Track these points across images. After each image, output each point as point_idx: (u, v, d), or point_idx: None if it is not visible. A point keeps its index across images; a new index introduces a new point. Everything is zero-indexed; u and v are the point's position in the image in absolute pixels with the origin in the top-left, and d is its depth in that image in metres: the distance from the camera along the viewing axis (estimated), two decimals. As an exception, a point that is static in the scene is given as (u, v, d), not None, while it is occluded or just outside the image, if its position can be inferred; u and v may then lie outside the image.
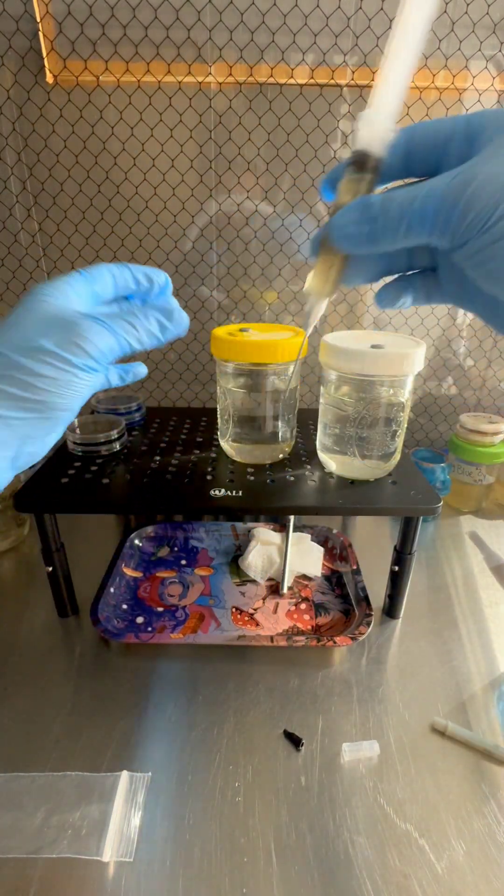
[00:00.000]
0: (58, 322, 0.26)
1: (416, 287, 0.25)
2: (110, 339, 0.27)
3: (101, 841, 0.32)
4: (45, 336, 0.26)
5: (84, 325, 0.26)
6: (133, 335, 0.28)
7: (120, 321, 0.28)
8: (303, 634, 0.47)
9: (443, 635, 0.49)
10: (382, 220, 0.19)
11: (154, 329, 0.30)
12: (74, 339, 0.26)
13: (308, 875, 0.31)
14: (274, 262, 0.69)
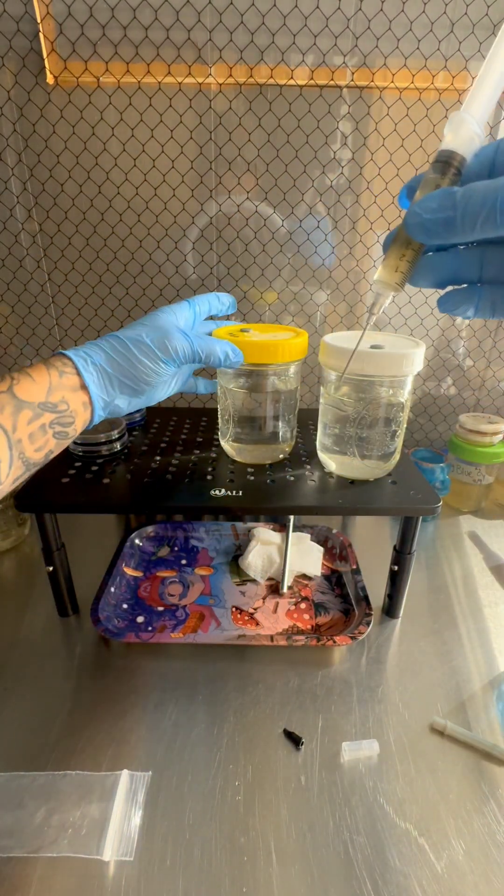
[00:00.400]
0: (159, 329, 0.39)
1: (482, 297, 0.24)
2: (188, 347, 0.39)
3: (102, 840, 0.32)
4: (148, 336, 0.38)
5: (173, 334, 0.39)
6: (205, 351, 0.40)
7: (199, 340, 0.40)
8: (303, 634, 0.47)
9: (442, 635, 0.49)
10: (463, 208, 0.20)
11: (219, 355, 0.41)
12: (164, 340, 0.38)
13: (308, 875, 0.31)
14: (274, 262, 0.69)
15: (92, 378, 0.37)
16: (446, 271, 0.24)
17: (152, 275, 0.69)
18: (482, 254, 0.24)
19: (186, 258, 0.68)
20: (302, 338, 0.46)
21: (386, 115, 0.62)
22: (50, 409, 0.35)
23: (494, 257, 0.23)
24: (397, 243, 0.24)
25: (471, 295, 0.24)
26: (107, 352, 0.38)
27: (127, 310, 0.71)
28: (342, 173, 0.64)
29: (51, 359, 0.37)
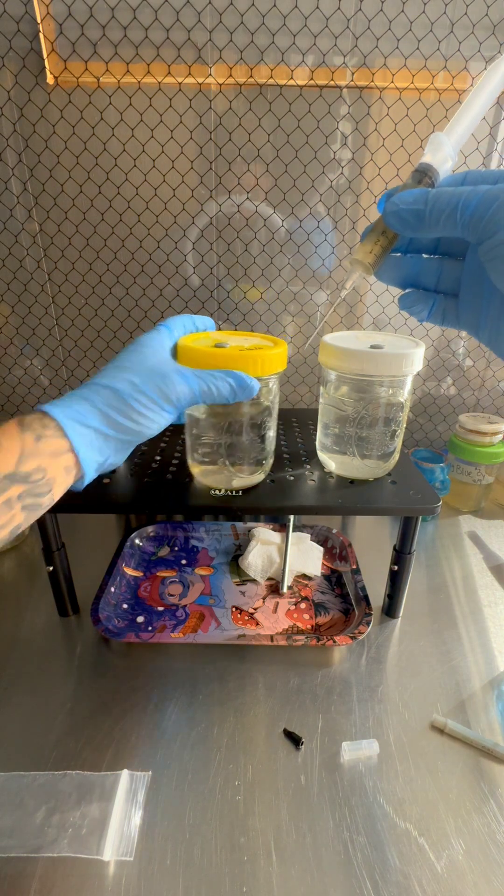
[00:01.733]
0: (154, 373, 0.34)
1: (436, 304, 0.28)
2: (188, 392, 0.35)
3: (102, 840, 0.32)
4: (144, 384, 0.33)
5: (171, 377, 0.34)
6: (206, 394, 0.35)
7: (200, 380, 0.35)
8: (302, 634, 0.47)
9: (442, 635, 0.49)
10: (432, 205, 0.24)
11: (224, 392, 0.36)
12: (166, 391, 0.34)
13: (308, 874, 0.31)
14: (274, 262, 0.69)
15: (84, 440, 0.32)
16: (409, 273, 0.29)
17: (152, 275, 0.69)
18: (440, 266, 0.28)
19: (186, 258, 0.68)
20: (280, 348, 0.40)
21: (386, 115, 0.62)
22: (20, 481, 0.29)
23: (450, 272, 0.28)
24: (374, 232, 0.27)
25: (426, 299, 0.29)
26: (100, 409, 0.32)
27: (127, 310, 0.71)
28: (342, 173, 0.64)
29: (27, 418, 0.31)
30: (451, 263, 0.28)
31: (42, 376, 0.77)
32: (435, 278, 0.28)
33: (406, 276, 0.29)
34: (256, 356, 0.38)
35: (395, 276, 0.29)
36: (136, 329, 0.73)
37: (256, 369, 0.38)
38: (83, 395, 0.33)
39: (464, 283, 0.27)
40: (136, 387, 0.33)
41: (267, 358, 0.38)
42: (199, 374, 0.35)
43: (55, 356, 0.75)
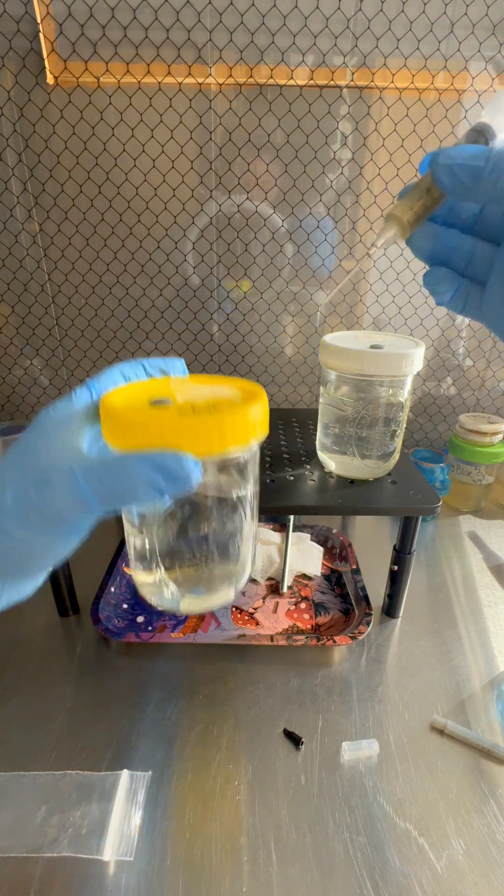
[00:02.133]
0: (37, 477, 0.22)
1: (460, 288, 0.26)
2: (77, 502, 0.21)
3: (102, 840, 0.32)
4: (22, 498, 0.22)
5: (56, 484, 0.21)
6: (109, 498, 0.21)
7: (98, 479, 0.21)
8: (302, 634, 0.47)
9: (442, 635, 0.49)
10: (494, 164, 0.21)
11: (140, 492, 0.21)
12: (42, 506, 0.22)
13: (308, 874, 0.31)
14: (274, 262, 0.69)
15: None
16: (441, 248, 0.26)
17: (152, 275, 0.69)
18: (474, 247, 0.25)
19: (186, 258, 0.68)
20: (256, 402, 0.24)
21: (386, 115, 0.62)
22: None
23: (482, 256, 0.25)
24: (417, 189, 0.24)
25: (452, 280, 0.26)
26: None
27: (127, 310, 0.71)
28: (342, 173, 0.64)
29: None
30: (486, 247, 0.25)
31: (42, 376, 0.77)
32: (466, 260, 0.26)
33: (438, 250, 0.26)
34: (202, 424, 0.22)
35: (426, 248, 0.26)
36: (135, 329, 0.73)
37: (207, 443, 0.22)
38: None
39: (495, 272, 0.24)
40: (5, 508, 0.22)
41: (225, 424, 0.22)
42: (103, 466, 0.21)
43: (55, 356, 0.75)
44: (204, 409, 0.23)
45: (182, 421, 0.22)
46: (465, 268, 0.26)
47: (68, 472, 0.21)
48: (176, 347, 0.74)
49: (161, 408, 0.24)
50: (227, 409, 0.23)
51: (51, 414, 0.24)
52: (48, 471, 0.22)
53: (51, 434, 0.23)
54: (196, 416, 0.23)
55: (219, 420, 0.22)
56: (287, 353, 0.76)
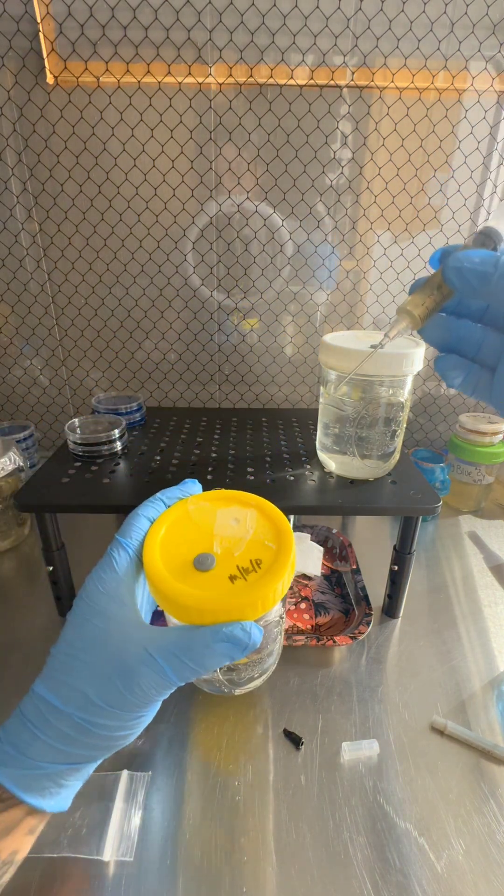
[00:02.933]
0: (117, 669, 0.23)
1: (470, 373, 0.27)
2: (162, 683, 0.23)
3: (102, 840, 0.32)
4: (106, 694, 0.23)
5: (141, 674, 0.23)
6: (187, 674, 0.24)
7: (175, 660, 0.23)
8: (303, 634, 0.47)
9: (442, 635, 0.49)
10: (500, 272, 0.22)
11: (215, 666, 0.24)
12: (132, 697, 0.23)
13: (308, 875, 0.31)
14: (274, 262, 0.69)
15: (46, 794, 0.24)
16: (452, 337, 0.27)
17: (152, 275, 0.69)
18: (484, 335, 0.27)
19: (186, 258, 0.68)
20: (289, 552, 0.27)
21: (386, 115, 0.62)
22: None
23: (492, 344, 0.26)
24: (429, 285, 0.26)
25: (463, 366, 0.27)
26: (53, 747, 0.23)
27: (127, 310, 0.71)
28: (342, 173, 0.64)
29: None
30: (495, 336, 0.26)
31: (42, 376, 0.77)
32: (476, 347, 0.27)
33: (448, 338, 0.27)
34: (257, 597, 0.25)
35: (437, 337, 0.28)
36: (135, 329, 0.73)
37: (258, 609, 0.25)
38: (30, 728, 0.24)
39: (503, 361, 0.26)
40: (91, 704, 0.23)
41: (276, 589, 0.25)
42: (177, 646, 0.23)
43: (55, 356, 0.75)
44: (248, 566, 0.26)
45: (236, 592, 0.25)
46: (475, 354, 0.27)
47: (147, 657, 0.23)
48: (176, 347, 0.74)
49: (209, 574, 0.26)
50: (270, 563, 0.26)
51: (100, 588, 0.25)
52: (126, 661, 0.23)
53: (109, 613, 0.24)
54: (247, 581, 0.25)
55: (270, 582, 0.25)
56: (287, 353, 0.76)
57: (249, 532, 0.28)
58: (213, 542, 0.27)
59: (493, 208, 0.67)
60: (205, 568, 0.26)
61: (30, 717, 0.24)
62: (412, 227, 0.68)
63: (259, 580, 0.25)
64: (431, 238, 0.68)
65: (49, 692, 0.24)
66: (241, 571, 0.26)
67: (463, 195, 0.66)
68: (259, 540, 0.27)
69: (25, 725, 0.24)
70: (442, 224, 0.68)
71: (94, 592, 0.25)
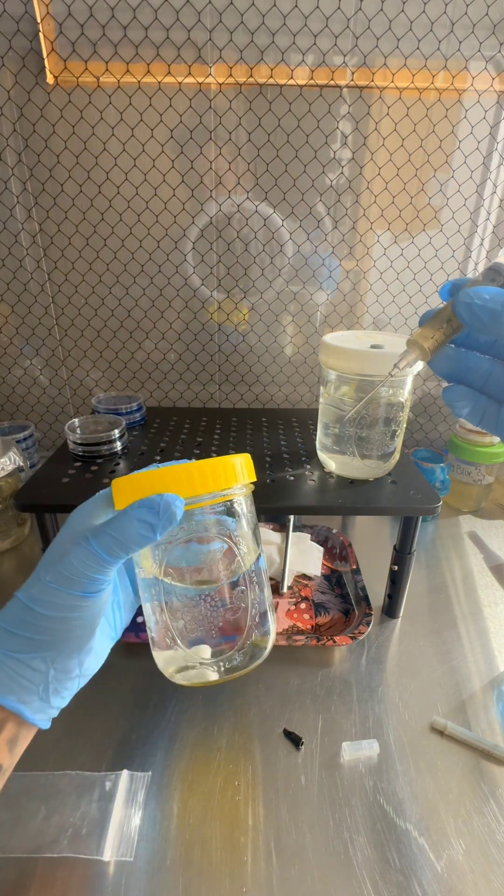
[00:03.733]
0: (58, 553, 0.26)
1: (477, 403, 0.28)
2: (91, 559, 0.26)
3: (102, 840, 0.32)
4: (49, 573, 0.26)
5: (71, 552, 0.26)
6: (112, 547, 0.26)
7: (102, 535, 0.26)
8: (302, 634, 0.47)
9: (442, 635, 0.49)
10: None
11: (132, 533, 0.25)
12: (65, 572, 0.26)
13: (308, 874, 0.31)
14: (274, 262, 0.69)
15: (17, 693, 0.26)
16: (460, 367, 0.28)
17: (152, 275, 0.69)
18: (491, 367, 0.27)
19: (186, 258, 0.68)
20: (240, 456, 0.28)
21: (386, 115, 0.62)
22: None
23: (499, 375, 0.27)
24: (438, 318, 0.27)
25: (470, 397, 0.28)
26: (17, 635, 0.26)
27: (127, 310, 0.71)
28: (342, 173, 0.64)
29: None
30: (502, 369, 0.27)
31: (42, 376, 0.77)
32: (483, 378, 0.27)
33: (456, 369, 0.28)
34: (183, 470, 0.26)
35: (445, 368, 0.28)
36: (135, 329, 0.73)
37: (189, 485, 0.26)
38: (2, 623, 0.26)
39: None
40: (38, 582, 0.26)
41: (203, 468, 0.26)
42: (107, 523, 0.26)
43: (55, 356, 0.75)
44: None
45: (166, 469, 0.27)
46: (482, 385, 0.28)
47: (82, 538, 0.26)
48: (176, 347, 0.74)
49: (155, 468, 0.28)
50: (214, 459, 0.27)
51: (78, 508, 0.28)
52: (68, 542, 0.26)
53: (74, 520, 0.28)
54: (179, 465, 0.27)
55: (198, 465, 0.26)
56: (287, 353, 0.76)
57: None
58: None
59: (492, 208, 0.67)
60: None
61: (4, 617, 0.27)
62: (412, 227, 0.68)
63: (190, 463, 0.27)
64: (431, 238, 0.68)
65: (20, 590, 0.27)
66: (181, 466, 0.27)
67: (463, 195, 0.66)
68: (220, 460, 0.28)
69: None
70: (442, 224, 0.68)
71: (74, 513, 0.28)
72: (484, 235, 0.69)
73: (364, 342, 0.44)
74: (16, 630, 0.26)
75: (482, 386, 0.28)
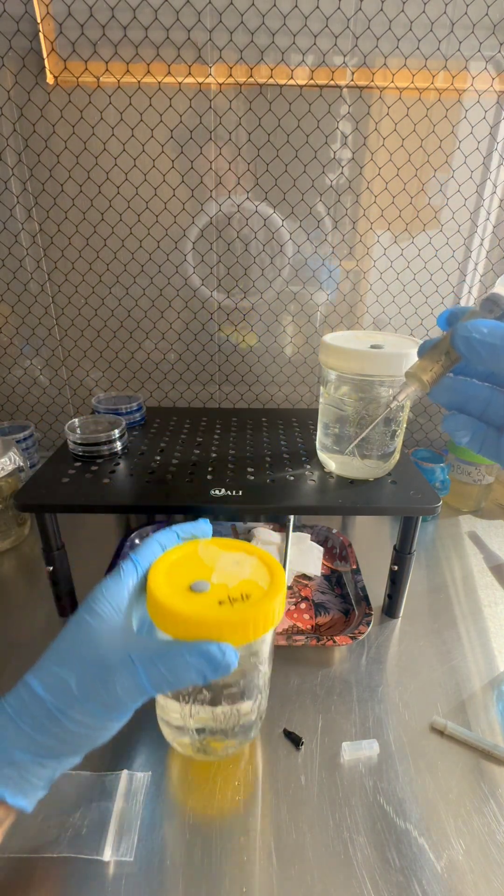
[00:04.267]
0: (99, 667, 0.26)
1: (477, 431, 0.28)
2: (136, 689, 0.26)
3: (102, 840, 0.32)
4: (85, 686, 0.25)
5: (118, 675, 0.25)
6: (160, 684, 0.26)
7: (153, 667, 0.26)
8: (303, 634, 0.47)
9: (442, 635, 0.49)
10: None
11: (187, 679, 0.26)
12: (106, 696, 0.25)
13: (308, 874, 0.31)
14: (274, 262, 0.69)
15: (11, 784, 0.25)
16: (459, 397, 0.28)
17: (152, 275, 0.69)
18: (490, 395, 0.27)
19: (186, 258, 0.68)
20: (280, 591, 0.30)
21: (386, 115, 0.62)
22: None
23: (499, 404, 0.27)
24: (437, 350, 0.27)
25: (470, 425, 0.28)
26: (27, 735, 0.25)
27: (127, 310, 0.71)
28: (342, 173, 0.64)
29: None
30: (502, 395, 0.27)
31: (42, 376, 0.77)
32: (482, 406, 0.27)
33: (456, 399, 0.28)
34: (239, 621, 0.27)
35: (444, 398, 0.28)
36: (135, 329, 0.73)
37: (237, 632, 0.28)
38: (7, 711, 0.26)
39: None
40: (69, 693, 0.25)
41: (258, 618, 0.28)
42: (157, 654, 0.26)
43: (55, 356, 0.75)
44: (238, 597, 0.29)
45: (222, 613, 0.28)
46: (481, 413, 0.28)
47: (128, 660, 0.26)
48: (176, 347, 0.74)
49: (201, 596, 0.29)
50: (258, 599, 0.29)
51: (105, 595, 0.28)
52: (109, 660, 0.26)
53: (106, 617, 0.27)
54: (233, 608, 0.28)
55: (253, 614, 0.28)
56: (287, 353, 0.76)
57: (246, 573, 0.31)
58: (213, 574, 0.31)
59: (492, 208, 0.67)
60: (199, 590, 0.29)
61: (10, 702, 0.26)
62: (412, 227, 0.68)
63: (245, 609, 0.28)
64: (431, 238, 0.68)
65: (35, 678, 0.26)
66: (230, 599, 0.29)
67: (463, 195, 0.66)
68: (253, 581, 0.31)
69: (3, 709, 0.26)
70: (442, 224, 0.68)
71: (97, 596, 0.28)
72: (484, 235, 0.69)
73: (364, 342, 0.44)
74: (36, 734, 0.25)
75: (481, 413, 0.28)
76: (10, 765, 0.25)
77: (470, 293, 0.72)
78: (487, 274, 0.71)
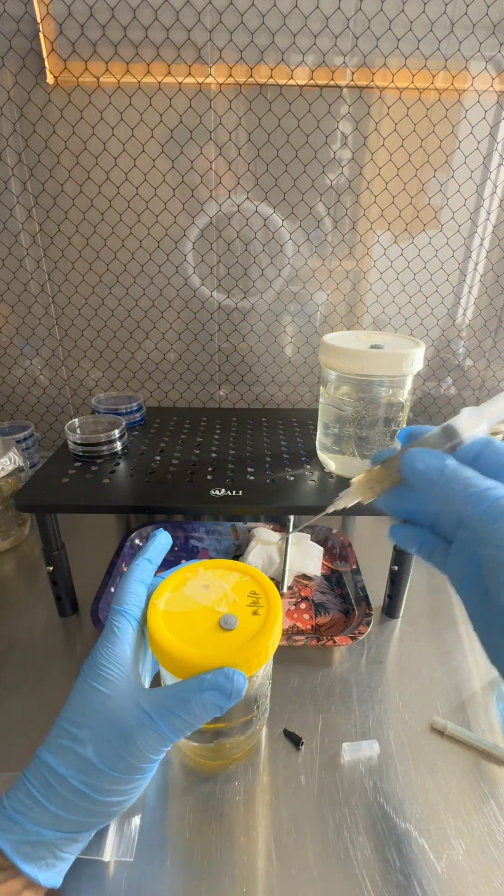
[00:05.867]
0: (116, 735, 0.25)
1: (426, 542, 0.27)
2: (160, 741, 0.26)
3: (102, 840, 0.32)
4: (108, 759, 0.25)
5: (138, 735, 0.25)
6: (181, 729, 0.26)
7: (170, 716, 0.26)
8: (303, 634, 0.47)
9: (442, 635, 0.49)
10: (444, 484, 0.23)
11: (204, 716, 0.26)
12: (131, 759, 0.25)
13: (308, 874, 0.31)
14: (274, 262, 0.69)
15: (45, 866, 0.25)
16: (409, 507, 0.27)
17: (152, 275, 0.69)
18: (439, 508, 0.27)
19: (186, 258, 0.68)
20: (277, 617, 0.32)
21: (386, 115, 0.62)
22: None
23: (447, 518, 0.27)
24: (389, 465, 0.26)
25: (418, 536, 0.27)
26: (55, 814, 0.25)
27: (127, 310, 0.71)
28: (342, 173, 0.64)
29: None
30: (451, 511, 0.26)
31: (42, 376, 0.77)
32: (432, 518, 0.27)
33: (405, 508, 0.28)
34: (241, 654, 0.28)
35: (392, 506, 0.28)
36: (136, 329, 0.73)
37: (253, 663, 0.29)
38: (33, 794, 0.25)
39: (459, 537, 0.26)
40: (91, 766, 0.25)
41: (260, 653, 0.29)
42: (170, 705, 0.26)
43: (55, 356, 0.75)
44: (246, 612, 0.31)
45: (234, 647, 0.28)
46: (432, 524, 0.27)
47: (145, 717, 0.26)
48: (176, 347, 0.74)
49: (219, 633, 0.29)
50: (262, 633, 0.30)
51: (105, 657, 0.28)
52: (126, 721, 0.26)
53: (113, 678, 0.27)
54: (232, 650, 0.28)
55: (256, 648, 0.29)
56: (287, 353, 0.76)
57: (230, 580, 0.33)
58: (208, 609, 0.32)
59: (492, 208, 0.67)
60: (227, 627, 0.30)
61: (33, 782, 0.26)
62: (412, 227, 0.68)
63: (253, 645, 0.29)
64: (431, 238, 0.68)
65: (52, 757, 0.26)
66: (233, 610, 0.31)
67: (463, 195, 0.66)
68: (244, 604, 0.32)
69: (29, 792, 0.25)
70: (442, 224, 0.68)
71: (99, 659, 0.28)
72: (484, 235, 0.69)
73: (364, 342, 0.44)
74: (65, 813, 0.25)
75: (432, 524, 0.27)
76: (43, 845, 0.25)
77: (470, 293, 0.72)
78: (487, 274, 0.71)
